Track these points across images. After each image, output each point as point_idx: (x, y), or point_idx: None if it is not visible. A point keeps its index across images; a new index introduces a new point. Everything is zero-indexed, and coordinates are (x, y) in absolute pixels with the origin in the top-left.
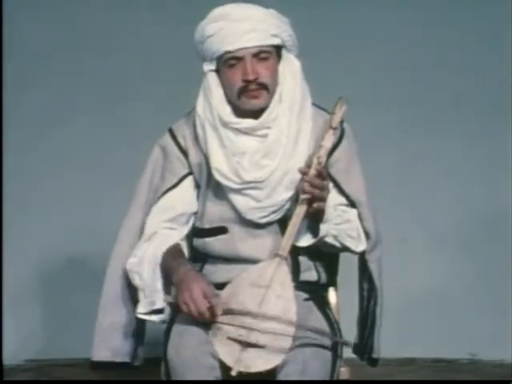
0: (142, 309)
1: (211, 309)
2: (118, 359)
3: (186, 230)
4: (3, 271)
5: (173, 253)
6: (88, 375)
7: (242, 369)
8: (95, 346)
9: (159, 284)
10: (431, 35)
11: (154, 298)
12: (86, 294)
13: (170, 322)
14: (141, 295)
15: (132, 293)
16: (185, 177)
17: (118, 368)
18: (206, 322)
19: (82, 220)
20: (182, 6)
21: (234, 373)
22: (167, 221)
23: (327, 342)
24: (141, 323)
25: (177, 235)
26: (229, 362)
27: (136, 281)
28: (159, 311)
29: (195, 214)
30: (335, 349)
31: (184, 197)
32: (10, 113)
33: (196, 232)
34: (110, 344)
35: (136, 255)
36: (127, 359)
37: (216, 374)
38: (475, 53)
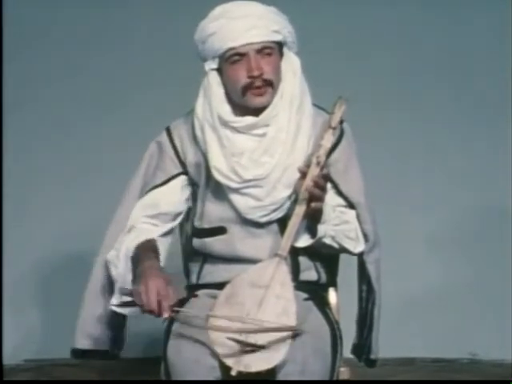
0: (114, 300)
1: (160, 308)
2: (98, 347)
3: (168, 227)
4: (3, 271)
5: (144, 247)
6: (88, 375)
7: (241, 369)
8: (77, 334)
9: (129, 277)
10: (431, 34)
11: (127, 290)
12: None
13: (170, 322)
14: (115, 287)
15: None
16: (174, 177)
17: (97, 357)
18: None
19: (81, 220)
20: (182, 6)
21: (233, 373)
22: (148, 217)
23: (327, 341)
24: (123, 316)
25: (155, 231)
26: (228, 361)
27: (112, 272)
28: (130, 304)
29: (181, 213)
30: (335, 348)
31: (169, 197)
32: (10, 113)
33: (195, 232)
34: (91, 333)
35: (116, 247)
36: (106, 347)
37: (216, 374)
38: (475, 51)
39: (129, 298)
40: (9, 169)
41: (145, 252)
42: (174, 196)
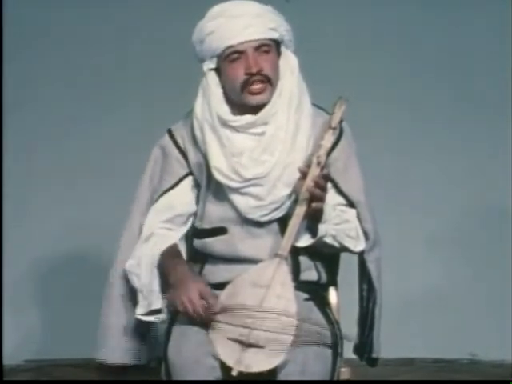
0: (140, 310)
1: (208, 309)
2: (131, 361)
3: (183, 230)
4: (3, 271)
5: (170, 253)
6: (88, 375)
7: (242, 369)
8: (108, 348)
9: (156, 285)
10: (431, 34)
11: (151, 299)
12: (85, 293)
13: (171, 322)
14: (139, 296)
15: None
16: (183, 178)
17: (127, 369)
18: (205, 322)
19: (81, 220)
20: (181, 6)
21: (234, 373)
22: (165, 221)
23: (327, 341)
24: (148, 323)
25: (174, 235)
26: (229, 362)
27: (135, 282)
28: (157, 311)
29: (193, 214)
30: (335, 348)
31: (182, 198)
32: (10, 113)
33: (196, 232)
34: (122, 346)
35: (134, 256)
36: (138, 361)
37: (216, 374)
38: (475, 52)
39: (155, 307)
40: (9, 169)
41: (172, 258)
42: (186, 196)
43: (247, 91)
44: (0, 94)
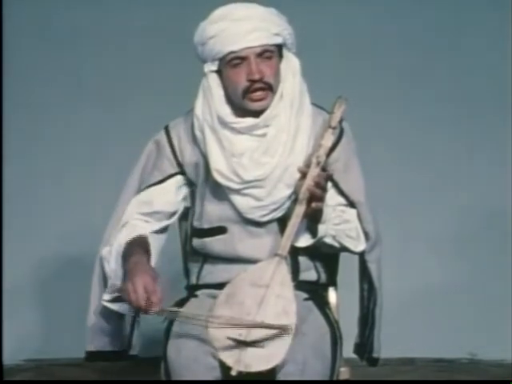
0: (106, 296)
1: (150, 304)
2: (113, 348)
3: (160, 225)
4: (3, 271)
5: (134, 243)
6: (88, 375)
7: (241, 368)
8: (89, 336)
9: (120, 273)
10: (431, 34)
11: (116, 286)
12: (85, 293)
13: (170, 322)
14: (108, 283)
15: None
16: (170, 176)
17: (113, 359)
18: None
19: (81, 220)
20: (182, 5)
21: (233, 372)
22: (142, 214)
23: (327, 341)
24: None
25: (147, 227)
26: (229, 361)
27: (106, 269)
28: (122, 299)
29: (174, 213)
30: (335, 347)
31: (164, 196)
32: (10, 113)
33: (195, 232)
34: (103, 334)
35: (110, 244)
36: (122, 348)
37: (216, 374)
38: (475, 52)
39: (119, 294)
40: (9, 169)
41: (134, 248)
42: (168, 195)
43: (248, 98)
44: (0, 94)
